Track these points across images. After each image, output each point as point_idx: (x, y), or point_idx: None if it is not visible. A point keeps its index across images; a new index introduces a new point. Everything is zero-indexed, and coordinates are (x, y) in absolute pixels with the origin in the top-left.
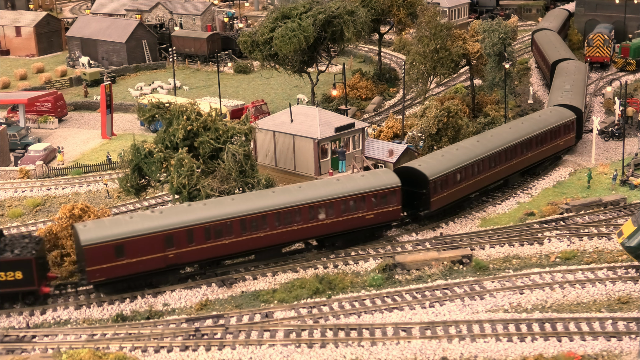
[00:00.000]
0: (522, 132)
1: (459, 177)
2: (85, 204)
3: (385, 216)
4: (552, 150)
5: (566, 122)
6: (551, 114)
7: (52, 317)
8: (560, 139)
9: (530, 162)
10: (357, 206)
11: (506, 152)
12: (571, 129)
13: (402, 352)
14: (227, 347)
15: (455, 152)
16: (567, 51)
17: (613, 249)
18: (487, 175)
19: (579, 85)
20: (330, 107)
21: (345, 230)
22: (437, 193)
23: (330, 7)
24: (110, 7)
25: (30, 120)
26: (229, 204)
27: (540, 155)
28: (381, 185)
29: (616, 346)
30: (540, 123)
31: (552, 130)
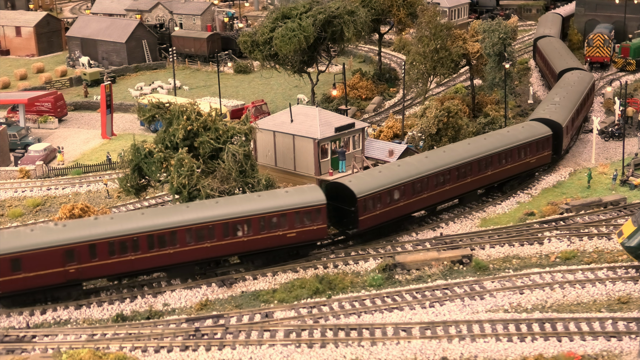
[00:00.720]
0: (482, 148)
1: (396, 194)
2: (85, 204)
3: (309, 235)
4: (521, 168)
5: (540, 138)
6: (522, 130)
7: (52, 317)
8: (531, 156)
9: (492, 180)
10: (278, 224)
11: (459, 169)
12: (546, 146)
13: (402, 352)
14: (227, 347)
15: (396, 168)
16: (574, 60)
17: (613, 249)
18: (433, 193)
19: (572, 98)
20: (330, 107)
21: (265, 249)
22: (367, 211)
23: (330, 7)
24: (110, 7)
25: (30, 120)
26: (138, 218)
27: (505, 173)
28: (305, 202)
29: (616, 346)
30: (507, 139)
31: (521, 147)
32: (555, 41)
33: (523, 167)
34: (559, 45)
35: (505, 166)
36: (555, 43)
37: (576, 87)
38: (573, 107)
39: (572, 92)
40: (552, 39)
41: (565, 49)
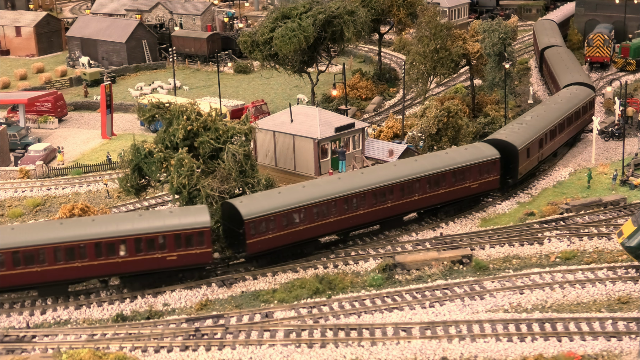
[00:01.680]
0: (408, 171)
1: (296, 217)
2: (85, 204)
3: (191, 259)
4: (460, 193)
5: (484, 161)
6: (465, 152)
7: (52, 317)
8: (472, 181)
9: (420, 205)
10: (157, 246)
11: (376, 193)
12: (492, 170)
13: (402, 352)
14: (227, 347)
15: (300, 189)
16: (581, 74)
17: (613, 249)
18: (343, 217)
19: (547, 117)
20: (330, 107)
21: (145, 271)
22: (257, 234)
23: (330, 7)
24: (110, 7)
25: (30, 120)
26: (7, 234)
27: (437, 199)
28: (187, 224)
29: (616, 346)
30: (441, 161)
31: (459, 171)
32: (564, 51)
33: (462, 192)
34: (567, 56)
35: (437, 191)
36: (564, 54)
37: (561, 105)
38: (544, 128)
39: (552, 110)
40: (560, 50)
41: (574, 60)
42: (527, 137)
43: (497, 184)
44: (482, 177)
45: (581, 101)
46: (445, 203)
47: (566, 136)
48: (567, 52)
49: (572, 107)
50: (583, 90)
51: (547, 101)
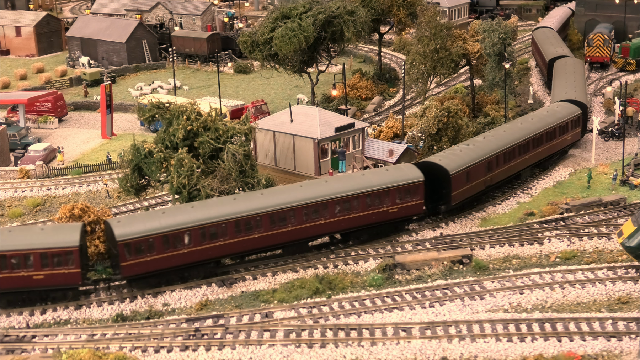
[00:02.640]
0: (311, 193)
1: (180, 240)
2: (85, 204)
3: (59, 279)
4: (376, 217)
5: (406, 185)
6: (386, 174)
7: (52, 317)
8: (391, 205)
9: (326, 230)
10: (24, 264)
11: (274, 216)
12: (415, 194)
13: (402, 352)
14: (227, 347)
15: (188, 210)
16: (576, 90)
17: (613, 249)
18: (236, 240)
19: (505, 137)
20: (330, 107)
21: (12, 289)
22: (132, 257)
23: (330, 7)
24: (110, 7)
25: (30, 120)
26: None
27: (347, 223)
28: (55, 243)
29: (616, 346)
30: (354, 184)
31: (375, 194)
32: (573, 62)
33: (378, 216)
34: (577, 67)
35: (348, 215)
36: (575, 65)
37: (529, 124)
38: (494, 150)
39: (515, 130)
40: (569, 60)
41: (580, 73)
42: (465, 160)
43: (420, 209)
44: (404, 201)
45: (559, 120)
46: (357, 228)
47: (535, 157)
48: (576, 63)
49: (542, 127)
50: (567, 108)
51: (518, 119)
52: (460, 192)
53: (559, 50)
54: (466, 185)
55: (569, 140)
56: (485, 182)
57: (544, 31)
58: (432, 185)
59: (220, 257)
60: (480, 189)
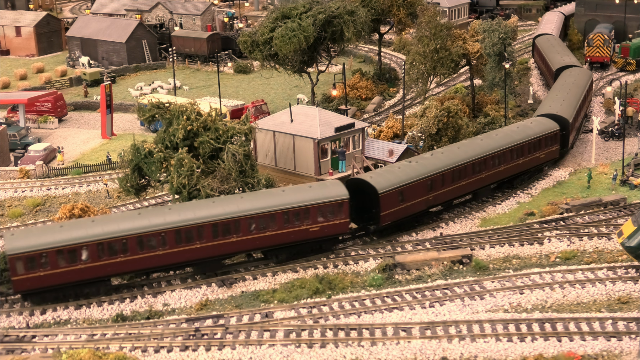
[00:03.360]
0: (222, 209)
1: (76, 255)
2: (85, 204)
3: None
4: (294, 236)
5: (329, 203)
6: (308, 190)
7: (52, 317)
8: (312, 224)
9: (235, 249)
10: None
11: (180, 233)
12: (339, 212)
13: (402, 352)
14: (227, 347)
15: (87, 224)
16: (560, 105)
17: (613, 249)
18: (136, 257)
19: (456, 155)
20: (330, 107)
21: None
22: (24, 271)
23: (330, 7)
24: (110, 7)
25: (30, 120)
26: None
27: (254, 243)
28: None
29: (616, 346)
30: (263, 202)
31: (293, 212)
32: (579, 72)
33: (297, 235)
34: (574, 80)
35: (264, 233)
36: (580, 77)
37: (490, 142)
38: (439, 169)
39: (472, 146)
40: (575, 70)
41: (574, 87)
42: (401, 179)
43: (345, 228)
44: (327, 220)
45: (529, 137)
46: (276, 246)
47: (495, 176)
48: (581, 74)
49: (507, 144)
50: (542, 124)
51: (480, 136)
52: (392, 213)
53: (565, 59)
54: (399, 205)
55: (543, 158)
56: (426, 201)
57: (547, 39)
58: (363, 203)
59: (121, 274)
60: (420, 209)
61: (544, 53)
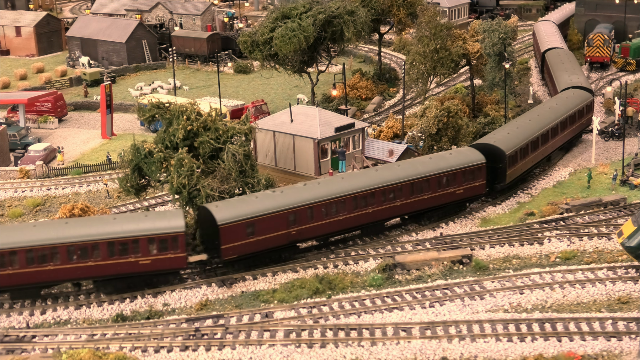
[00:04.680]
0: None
1: None
2: (85, 204)
3: None
4: (122, 268)
5: (161, 235)
6: (143, 220)
7: (52, 317)
8: (142, 257)
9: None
10: None
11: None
12: (174, 247)
13: (402, 352)
14: (227, 347)
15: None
16: (513, 135)
17: (613, 249)
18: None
19: (290, 195)
20: (330, 107)
21: None
22: None
23: (330, 7)
24: (110, 7)
25: (30, 120)
26: None
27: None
28: None
29: (616, 346)
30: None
31: (119, 242)
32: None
33: (123, 268)
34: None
35: (84, 263)
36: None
37: (351, 179)
38: (299, 203)
39: (353, 180)
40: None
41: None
42: (251, 210)
43: (183, 262)
44: (161, 253)
45: (440, 170)
46: (98, 277)
47: (388, 211)
48: (574, 96)
49: (405, 177)
50: (464, 155)
51: (384, 166)
52: (237, 246)
53: (573, 79)
54: (247, 239)
55: (461, 194)
56: (287, 236)
57: (558, 53)
58: (212, 235)
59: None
60: (279, 243)
61: (553, 71)
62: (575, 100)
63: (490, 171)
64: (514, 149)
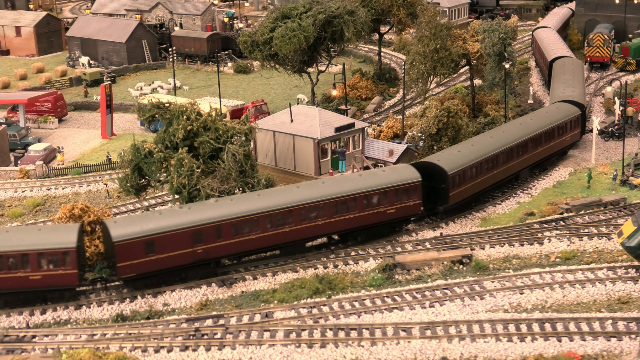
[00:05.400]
0: None
1: None
2: (85, 204)
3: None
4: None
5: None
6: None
7: (52, 317)
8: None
9: None
10: None
11: None
12: (66, 262)
13: (402, 352)
14: (227, 347)
15: None
16: (450, 154)
17: (613, 249)
18: None
19: (192, 212)
20: (330, 107)
21: None
22: None
23: (330, 7)
24: (110, 7)
25: (30, 120)
26: None
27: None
28: None
29: (616, 346)
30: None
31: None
32: None
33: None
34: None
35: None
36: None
37: (268, 196)
38: (185, 224)
39: (248, 201)
40: None
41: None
42: (150, 228)
43: (74, 279)
44: (49, 270)
45: (368, 189)
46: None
47: (312, 230)
48: (564, 108)
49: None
50: (401, 173)
51: (308, 183)
52: (135, 265)
53: (567, 92)
54: (146, 257)
55: (394, 214)
56: (193, 255)
57: (564, 64)
58: None
59: None
60: (184, 262)
61: (552, 81)
62: (556, 116)
63: (433, 191)
64: (459, 169)
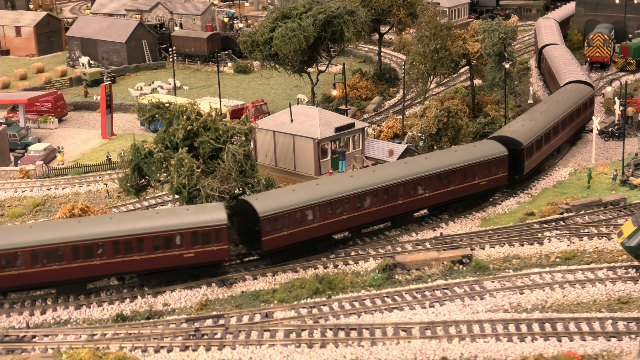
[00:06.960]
0: None
1: None
2: (85, 204)
3: None
4: None
5: None
6: None
7: (52, 317)
8: None
9: None
10: None
11: None
12: None
13: (402, 352)
14: (227, 347)
15: None
16: None
17: (613, 249)
18: None
19: None
20: (330, 107)
21: None
22: None
23: (330, 7)
24: (110, 7)
25: (30, 120)
26: None
27: None
28: None
29: (616, 346)
30: None
31: None
32: None
33: None
34: None
35: None
36: None
37: None
38: None
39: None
40: None
41: None
42: None
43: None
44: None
45: None
46: None
47: None
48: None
49: None
50: None
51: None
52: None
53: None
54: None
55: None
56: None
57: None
58: None
59: None
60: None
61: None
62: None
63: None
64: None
